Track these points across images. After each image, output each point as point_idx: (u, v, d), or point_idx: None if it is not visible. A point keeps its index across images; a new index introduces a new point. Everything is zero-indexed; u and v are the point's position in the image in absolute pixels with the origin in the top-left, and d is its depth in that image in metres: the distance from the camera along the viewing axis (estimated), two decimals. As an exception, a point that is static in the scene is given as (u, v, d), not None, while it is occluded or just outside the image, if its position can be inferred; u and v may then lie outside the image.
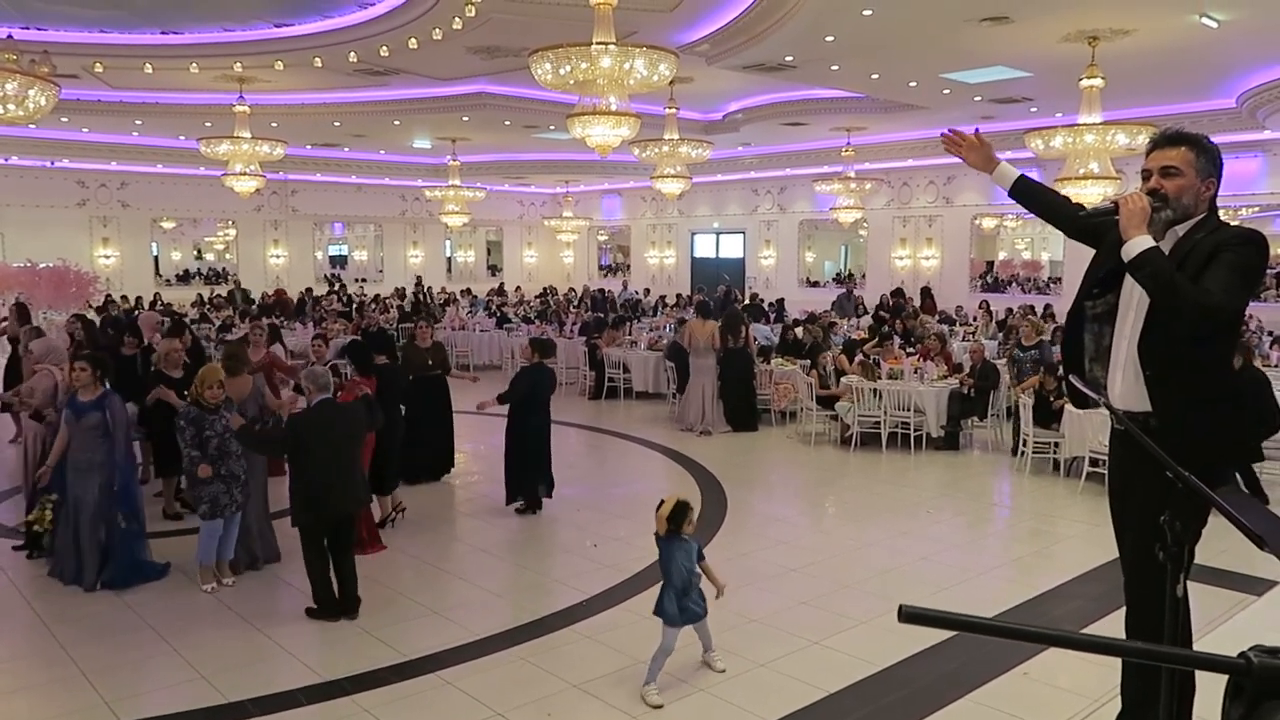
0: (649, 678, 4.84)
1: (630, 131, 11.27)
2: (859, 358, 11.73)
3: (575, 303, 23.74)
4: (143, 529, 6.71)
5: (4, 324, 12.26)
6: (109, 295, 20.62)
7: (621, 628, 5.73)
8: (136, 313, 16.62)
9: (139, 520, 6.65)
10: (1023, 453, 9.99)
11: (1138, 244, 3.02)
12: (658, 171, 17.31)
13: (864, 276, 25.29)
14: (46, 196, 22.51)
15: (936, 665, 5.23)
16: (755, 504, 8.96)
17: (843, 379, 11.30)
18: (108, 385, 6.61)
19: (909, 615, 1.12)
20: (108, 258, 23.62)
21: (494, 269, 31.73)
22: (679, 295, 23.64)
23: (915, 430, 10.76)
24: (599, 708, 4.80)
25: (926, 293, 20.03)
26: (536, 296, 25.82)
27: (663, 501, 4.99)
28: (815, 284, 25.59)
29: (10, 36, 10.61)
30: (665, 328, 17.17)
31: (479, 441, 9.74)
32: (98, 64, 14.24)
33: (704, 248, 28.69)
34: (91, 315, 14.93)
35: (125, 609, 6.13)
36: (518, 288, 28.47)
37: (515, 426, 8.40)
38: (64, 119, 17.29)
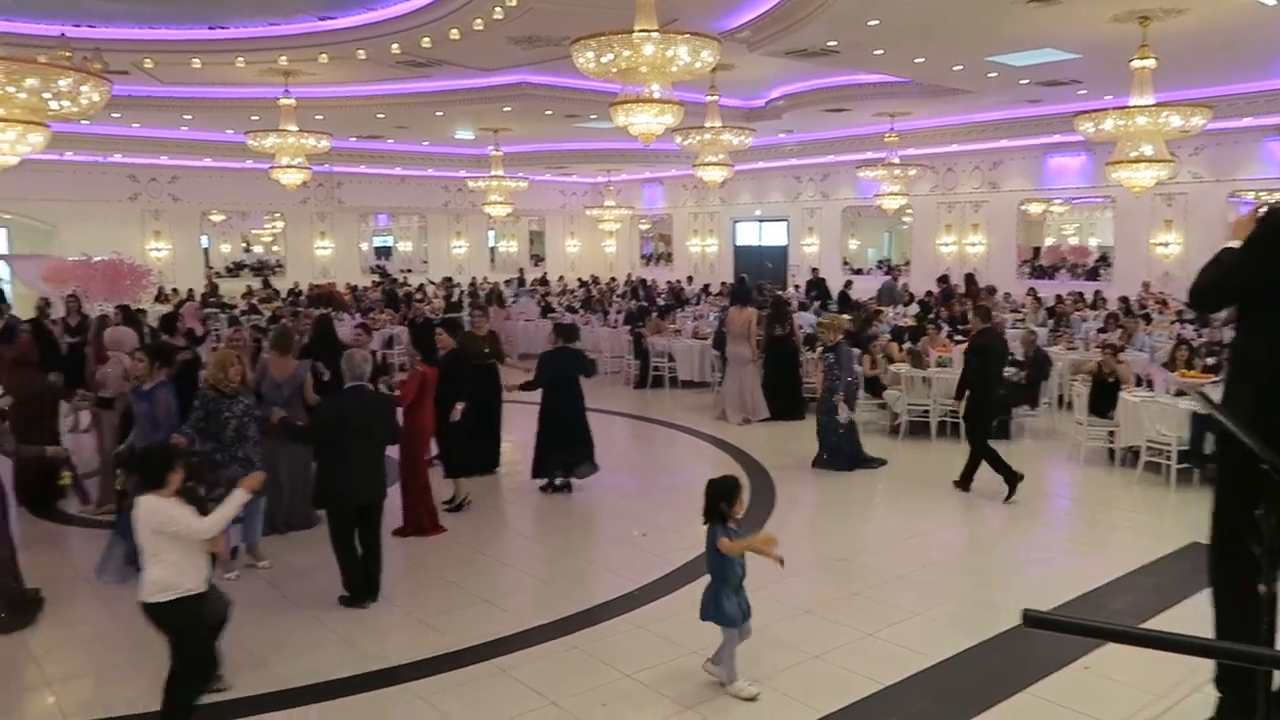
0: (731, 676, 4.79)
1: (673, 119, 11.21)
2: (907, 345, 11.58)
3: (619, 292, 23.73)
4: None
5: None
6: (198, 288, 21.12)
7: (672, 618, 5.72)
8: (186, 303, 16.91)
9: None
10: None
11: None
12: (700, 159, 17.19)
13: (908, 263, 24.97)
14: (100, 191, 22.96)
15: (994, 658, 5.17)
16: (803, 493, 8.89)
17: (890, 367, 11.17)
18: (166, 375, 6.72)
19: (1034, 620, 1.07)
20: (159, 250, 24.05)
21: (537, 259, 31.84)
22: (723, 284, 23.52)
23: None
24: (653, 698, 4.80)
25: (971, 279, 19.70)
26: (580, 285, 25.86)
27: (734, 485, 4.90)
28: (859, 271, 25.32)
29: (64, 35, 10.79)
30: (709, 316, 17.12)
31: (527, 430, 9.73)
32: (147, 60, 14.46)
33: (746, 235, 28.51)
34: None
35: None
36: (560, 277, 28.57)
37: (543, 409, 8.61)
38: (116, 115, 17.59)
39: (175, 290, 22.17)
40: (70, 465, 6.89)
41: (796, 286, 23.68)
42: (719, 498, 4.81)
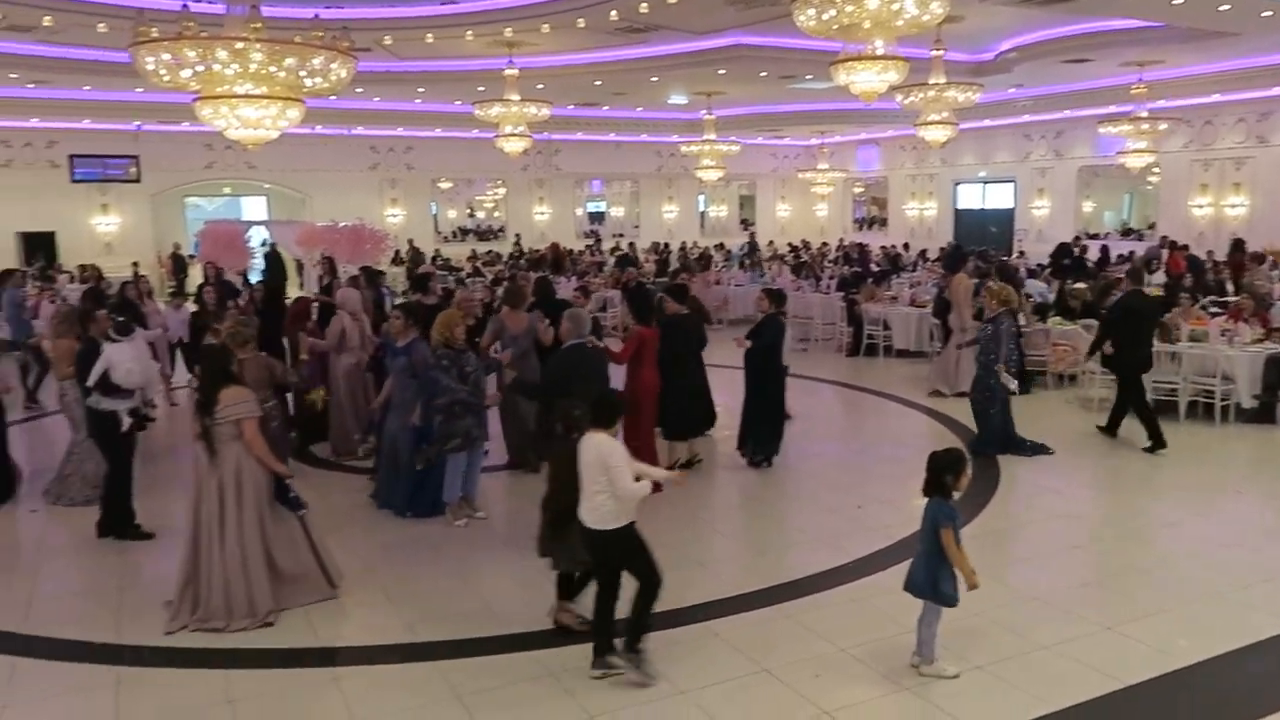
0: (932, 654, 4.61)
1: (897, 76, 10.74)
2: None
3: (830, 257, 23.22)
4: (438, 466, 7.20)
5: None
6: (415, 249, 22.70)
7: (889, 594, 5.49)
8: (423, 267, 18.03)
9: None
10: None
11: None
12: (921, 118, 16.43)
13: (1151, 227, 22.90)
14: (345, 162, 24.90)
15: (1254, 668, 4.68)
16: (1028, 474, 8.34)
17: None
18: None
19: None
20: (395, 216, 25.82)
21: (746, 223, 31.66)
22: (941, 249, 22.50)
23: (1221, 399, 9.60)
24: (866, 673, 4.68)
25: (1239, 245, 17.62)
26: (790, 250, 25.49)
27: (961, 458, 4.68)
28: (1094, 236, 23.44)
29: (316, 16, 11.66)
30: (926, 283, 16.42)
31: (738, 394, 9.66)
32: (387, 37, 15.39)
33: (968, 198, 27.07)
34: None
35: (422, 538, 6.69)
36: (770, 242, 28.28)
37: (755, 378, 8.40)
38: (359, 90, 18.86)
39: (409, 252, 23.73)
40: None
41: (1022, 253, 22.29)
42: (943, 470, 4.57)
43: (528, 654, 4.92)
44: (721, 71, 17.92)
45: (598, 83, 19.28)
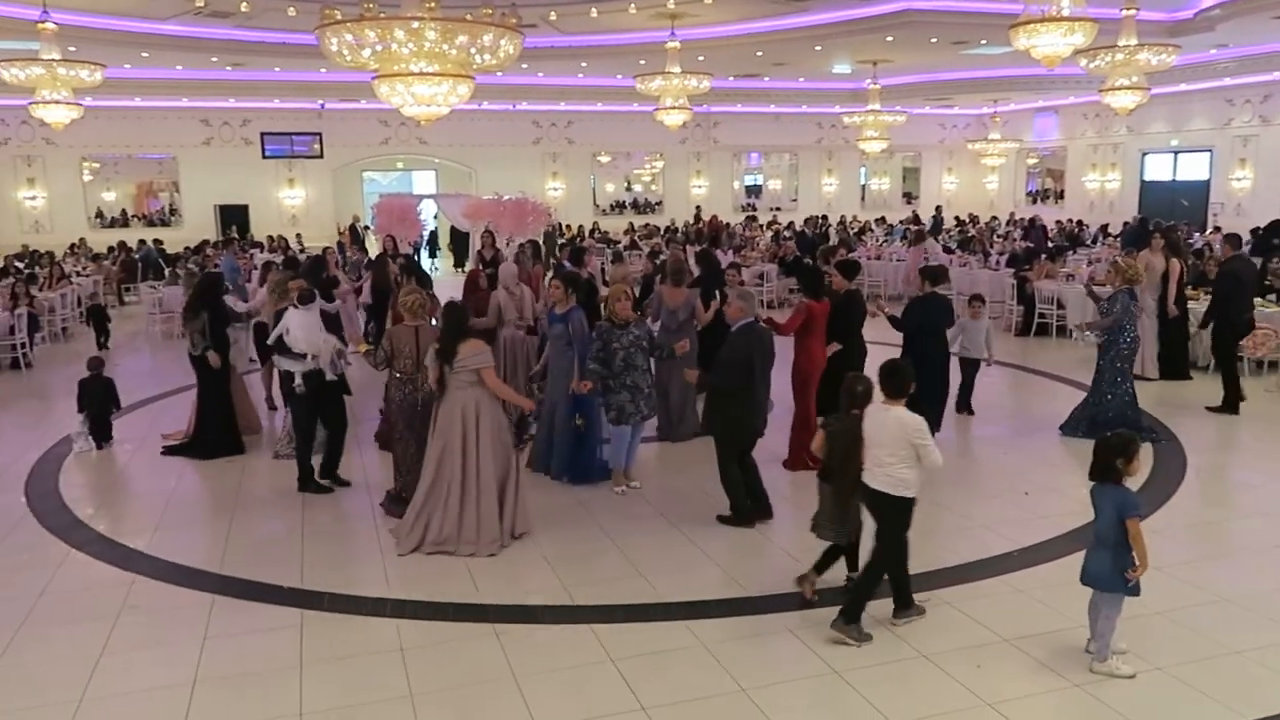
0: (1106, 652, 4.36)
1: (1084, 39, 10.10)
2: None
3: (999, 232, 22.13)
4: (594, 434, 7.34)
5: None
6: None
7: (1057, 586, 5.24)
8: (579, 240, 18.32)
9: (590, 424, 7.29)
10: None
11: None
12: (1107, 84, 15.38)
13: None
14: (509, 136, 25.62)
15: None
16: (1219, 466, 7.76)
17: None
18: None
19: None
20: (556, 190, 26.37)
21: (909, 196, 30.61)
22: (1125, 223, 21.07)
23: None
24: (1033, 667, 4.47)
25: None
26: (957, 225, 24.46)
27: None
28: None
29: (485, -7, 11.97)
30: (1105, 260, 15.44)
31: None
32: (552, 12, 15.67)
33: (1157, 169, 25.19)
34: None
35: (578, 504, 6.85)
36: (936, 208, 27.14)
37: (915, 359, 8.05)
38: (524, 66, 19.30)
39: (568, 226, 24.23)
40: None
41: (1217, 228, 20.59)
42: (1113, 454, 4.27)
43: (679, 623, 4.95)
44: (890, 39, 17.32)
45: (759, 53, 19.01)
